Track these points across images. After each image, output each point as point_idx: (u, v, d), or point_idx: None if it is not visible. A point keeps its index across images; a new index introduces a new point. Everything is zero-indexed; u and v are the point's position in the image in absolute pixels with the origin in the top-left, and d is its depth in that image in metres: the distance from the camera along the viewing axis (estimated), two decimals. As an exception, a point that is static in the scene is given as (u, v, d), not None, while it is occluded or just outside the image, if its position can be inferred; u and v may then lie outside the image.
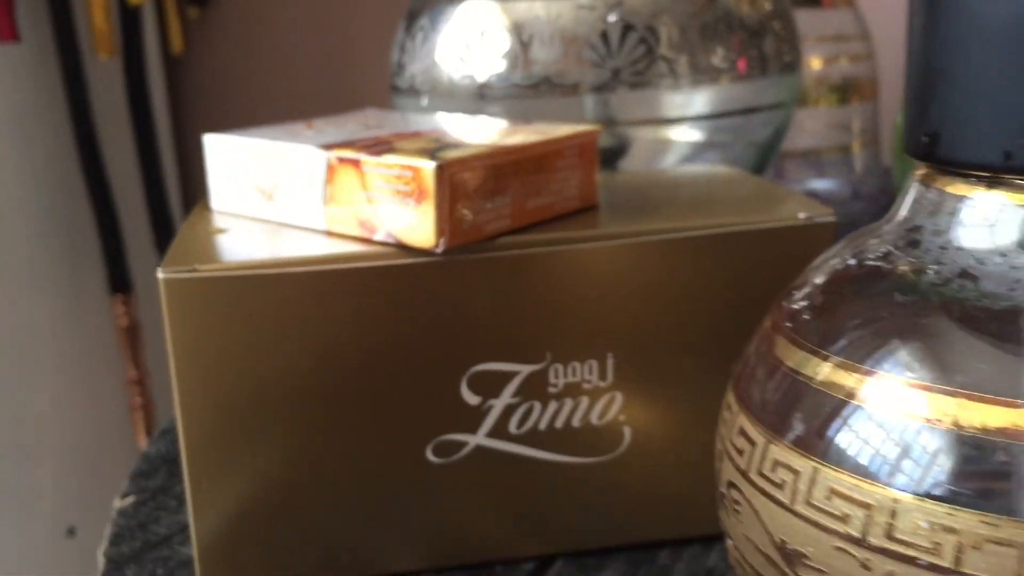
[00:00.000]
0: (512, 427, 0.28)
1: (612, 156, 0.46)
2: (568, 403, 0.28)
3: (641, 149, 0.46)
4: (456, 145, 0.28)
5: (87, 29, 0.85)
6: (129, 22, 0.88)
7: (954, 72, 0.17)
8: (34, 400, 0.88)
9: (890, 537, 0.16)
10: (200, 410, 0.27)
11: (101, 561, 0.31)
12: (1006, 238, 0.17)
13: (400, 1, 0.50)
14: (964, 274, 0.17)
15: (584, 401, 0.28)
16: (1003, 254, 0.17)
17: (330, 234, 0.29)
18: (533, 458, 0.29)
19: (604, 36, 0.39)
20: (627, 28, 0.39)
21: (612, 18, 0.39)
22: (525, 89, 0.41)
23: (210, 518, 0.28)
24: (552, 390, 0.28)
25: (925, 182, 0.18)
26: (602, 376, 0.28)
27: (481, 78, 0.41)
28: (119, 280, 0.90)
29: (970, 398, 0.15)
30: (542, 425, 0.28)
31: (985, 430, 0.15)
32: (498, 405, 0.28)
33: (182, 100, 1.05)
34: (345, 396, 0.27)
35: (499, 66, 0.41)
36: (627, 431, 0.29)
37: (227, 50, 1.03)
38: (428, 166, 0.26)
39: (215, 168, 0.32)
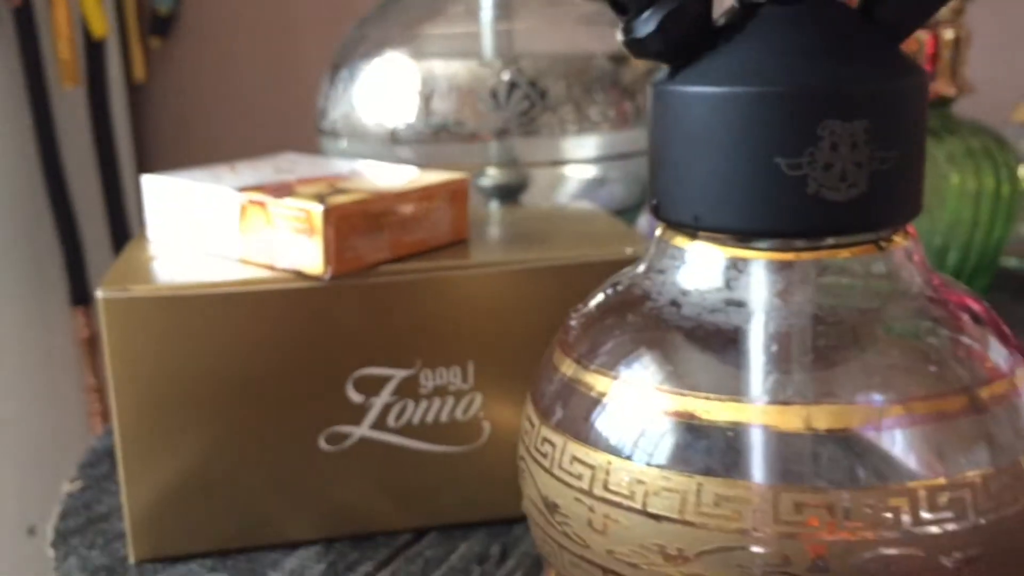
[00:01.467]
0: (390, 421, 0.34)
1: (514, 191, 0.52)
2: (436, 402, 0.34)
3: (539, 186, 0.52)
4: (345, 191, 0.34)
5: (53, 60, 0.90)
6: (93, 53, 0.94)
7: (665, 158, 0.23)
8: (-2, 406, 0.93)
9: (605, 488, 0.22)
10: (131, 407, 0.32)
11: (51, 534, 0.37)
12: (702, 276, 0.23)
13: (340, 32, 0.56)
14: (673, 303, 0.23)
15: (450, 400, 0.34)
16: (699, 288, 0.23)
17: (243, 261, 0.34)
18: (408, 447, 0.34)
19: (494, 92, 0.46)
20: (513, 85, 0.45)
21: (505, 76, 0.46)
22: (428, 135, 0.47)
23: (140, 497, 0.33)
24: (423, 391, 0.34)
25: (661, 234, 0.24)
26: (464, 380, 0.34)
27: (391, 125, 0.47)
28: (80, 293, 0.95)
29: (661, 390, 0.22)
30: (415, 420, 0.34)
31: (677, 413, 0.21)
32: (378, 403, 0.34)
33: (144, 125, 1.10)
34: (252, 395, 0.33)
35: (406, 115, 0.47)
36: (486, 425, 0.35)
37: (187, 78, 1.08)
38: (317, 209, 0.32)
39: (151, 203, 0.38)
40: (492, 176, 0.51)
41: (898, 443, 0.21)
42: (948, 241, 0.54)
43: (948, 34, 0.53)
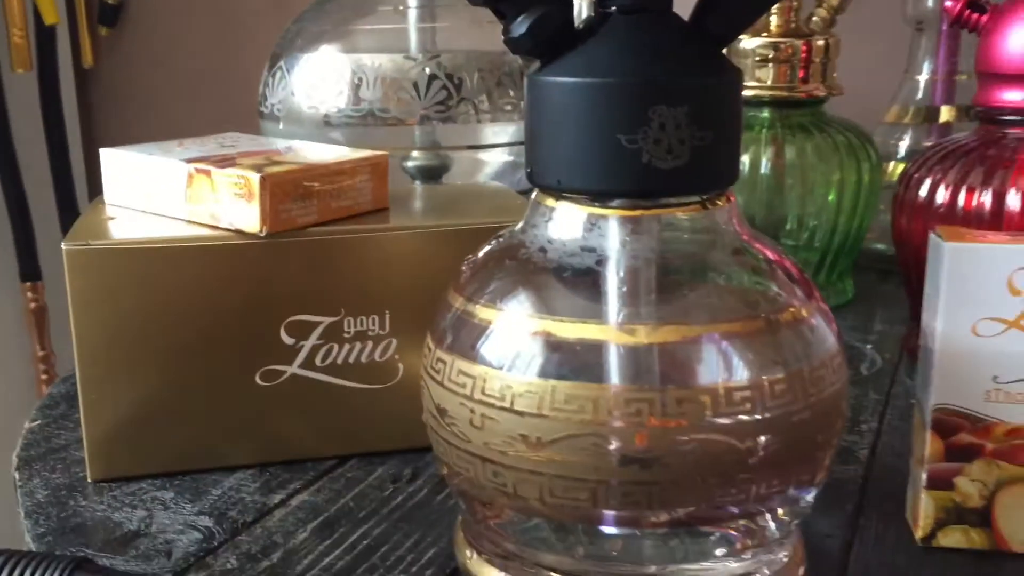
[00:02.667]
0: (318, 361, 0.39)
1: (436, 173, 0.57)
2: (358, 345, 0.39)
3: (460, 169, 0.57)
4: (280, 163, 0.38)
5: (5, 45, 0.92)
6: (44, 39, 0.96)
7: (536, 134, 0.28)
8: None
9: (483, 393, 0.27)
10: (90, 346, 0.37)
11: (14, 462, 0.41)
12: (564, 228, 0.28)
13: (281, 22, 0.60)
14: (541, 249, 0.28)
15: (369, 343, 0.39)
16: (562, 238, 0.28)
17: (190, 223, 0.39)
18: (333, 384, 0.39)
19: (416, 83, 0.50)
20: (433, 77, 0.50)
21: (426, 69, 0.50)
22: (357, 120, 0.51)
23: (97, 424, 0.37)
24: (346, 335, 0.39)
25: (535, 197, 0.29)
26: (382, 326, 0.39)
27: (324, 110, 0.52)
28: (29, 269, 0.98)
29: (528, 317, 0.27)
30: (339, 360, 0.39)
31: (538, 333, 0.27)
32: (307, 345, 0.38)
33: (92, 109, 1.13)
34: (197, 336, 0.37)
35: (337, 102, 0.51)
36: (401, 366, 0.40)
37: (133, 64, 1.11)
38: (255, 176, 0.36)
39: (108, 174, 0.42)
40: (416, 159, 0.56)
41: (709, 354, 0.26)
42: (817, 225, 0.60)
43: (819, 42, 0.60)
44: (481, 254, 0.30)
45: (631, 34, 0.27)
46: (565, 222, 0.28)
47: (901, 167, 0.71)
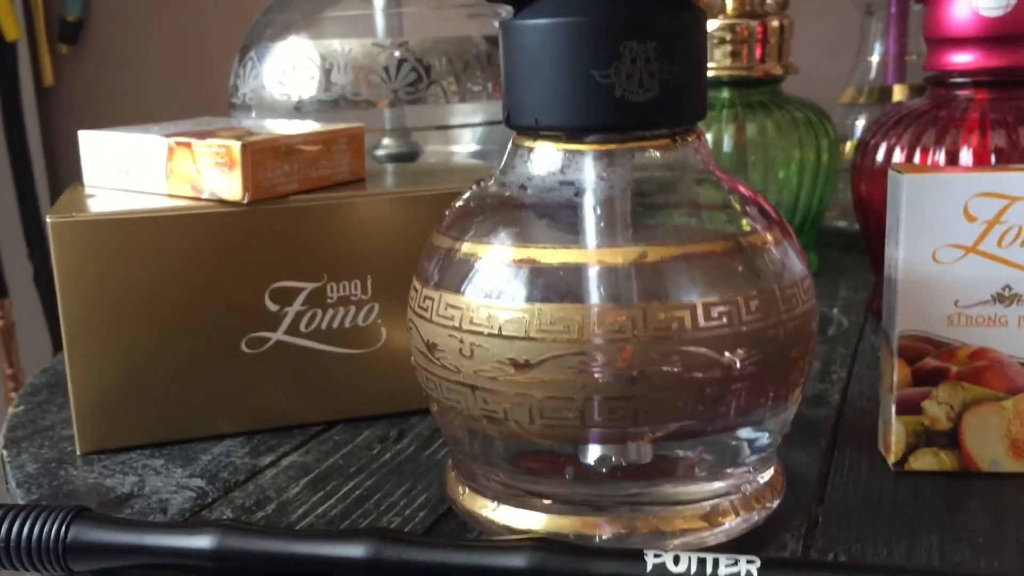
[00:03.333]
0: (302, 327, 0.40)
1: (407, 160, 0.58)
2: (341, 310, 0.40)
3: (430, 156, 0.58)
4: (259, 133, 0.39)
5: (-34, 62, 0.92)
6: (5, 56, 0.96)
7: (512, 78, 0.29)
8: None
9: (471, 323, 0.28)
10: (77, 317, 0.37)
11: (1, 441, 0.41)
12: (543, 166, 0.29)
13: (239, 40, 0.61)
14: (521, 187, 0.29)
15: (352, 309, 0.40)
16: (540, 175, 0.29)
17: (171, 196, 0.39)
18: (318, 349, 0.40)
19: (386, 67, 0.52)
20: (402, 61, 0.52)
21: (396, 53, 0.52)
22: (328, 105, 0.52)
23: (85, 396, 0.38)
24: (329, 301, 0.40)
25: (514, 140, 0.31)
26: (364, 292, 0.40)
27: (295, 97, 0.53)
28: (-4, 286, 0.97)
29: (512, 247, 0.28)
30: (323, 326, 0.40)
31: (522, 261, 0.28)
32: (291, 311, 0.39)
33: (53, 126, 1.13)
34: (182, 305, 0.38)
35: (308, 88, 0.52)
36: (384, 331, 0.40)
37: (94, 82, 1.11)
38: (236, 145, 0.37)
39: (87, 155, 0.42)
40: (386, 146, 0.57)
41: (685, 274, 0.27)
42: (777, 200, 0.62)
43: (775, 22, 0.62)
44: (463, 198, 0.31)
45: (600, -23, 0.28)
46: (543, 160, 0.29)
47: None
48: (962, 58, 0.49)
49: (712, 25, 0.61)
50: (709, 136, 0.61)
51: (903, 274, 0.33)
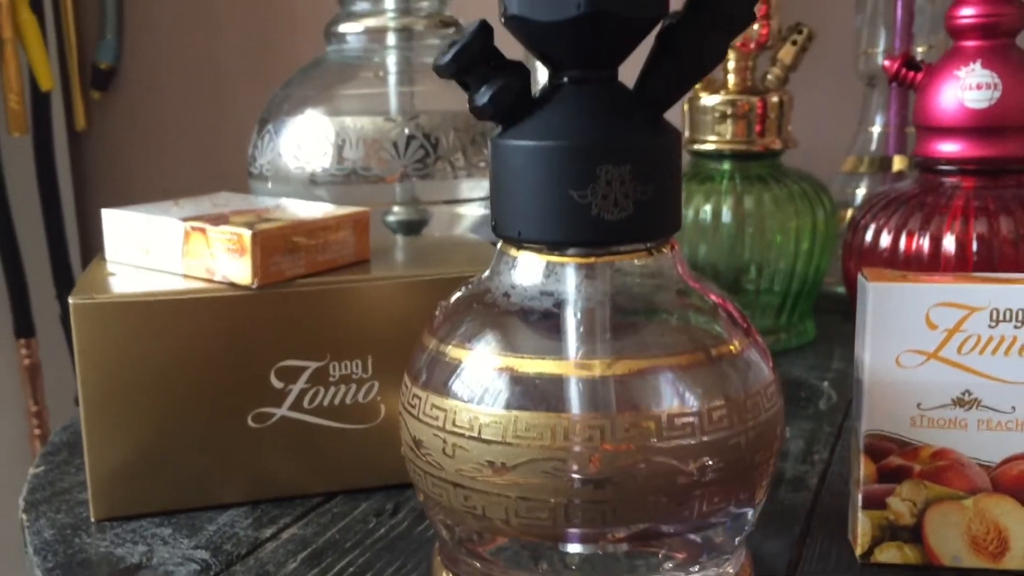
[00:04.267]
0: (305, 403, 0.42)
1: (416, 227, 0.60)
2: (343, 388, 0.42)
3: (439, 222, 0.61)
4: (269, 220, 0.42)
5: (3, 110, 0.96)
6: (39, 104, 1.00)
7: (499, 191, 0.31)
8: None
9: (454, 425, 0.30)
10: (95, 391, 0.39)
11: (21, 504, 0.43)
12: (525, 275, 0.31)
13: (265, 88, 0.64)
14: (505, 294, 0.31)
15: (353, 387, 0.42)
16: (523, 284, 0.31)
17: (186, 276, 0.42)
18: (320, 425, 0.42)
19: (395, 143, 0.54)
20: (411, 137, 0.54)
21: (406, 131, 0.54)
22: (341, 178, 0.55)
23: (100, 466, 0.40)
24: (331, 379, 0.42)
25: (500, 247, 0.33)
26: (365, 370, 0.42)
27: (309, 169, 0.55)
28: (23, 326, 1.00)
29: (493, 354, 0.30)
30: (325, 403, 0.42)
31: (502, 369, 0.30)
32: (296, 388, 0.41)
33: (84, 170, 1.16)
34: (194, 382, 0.40)
35: (322, 162, 0.55)
36: (383, 407, 0.42)
37: (124, 127, 1.15)
38: (247, 233, 0.39)
39: (109, 232, 0.45)
40: (397, 213, 0.59)
41: (653, 385, 0.29)
42: (777, 270, 0.64)
43: (775, 99, 0.64)
44: (452, 300, 0.33)
45: (580, 101, 0.30)
46: (526, 269, 0.31)
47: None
48: (948, 147, 0.51)
49: (714, 100, 0.63)
50: (708, 207, 0.63)
51: (869, 376, 0.34)
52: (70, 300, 0.39)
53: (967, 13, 0.50)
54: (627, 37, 0.30)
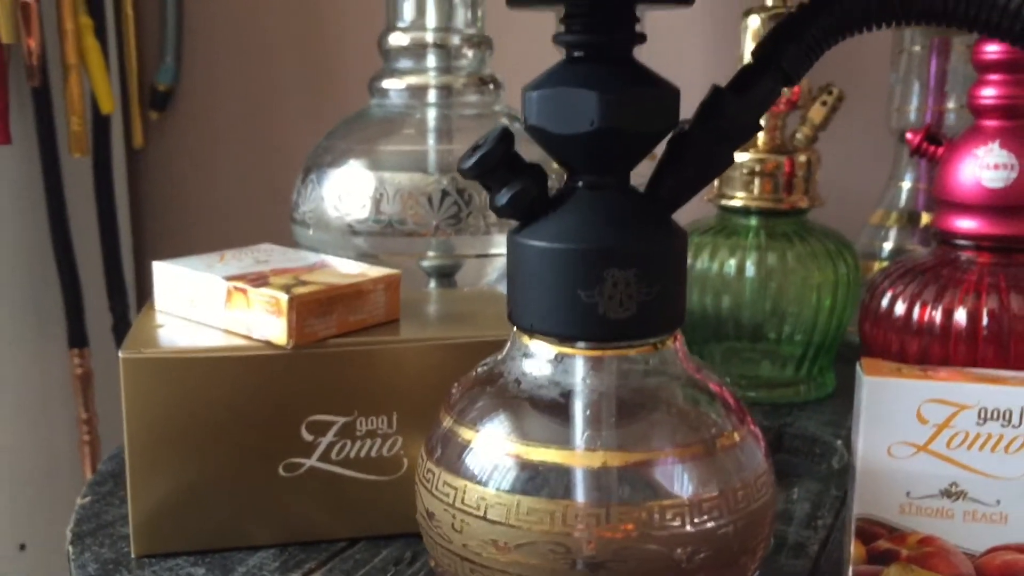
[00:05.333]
0: (333, 455, 0.44)
1: (449, 272, 0.62)
2: (368, 442, 0.44)
3: (471, 268, 0.63)
4: (306, 283, 0.44)
5: (65, 132, 1.00)
6: (100, 125, 1.04)
7: (514, 283, 0.33)
8: (-2, 434, 1.02)
9: (462, 503, 0.32)
10: (139, 438, 0.42)
11: (68, 536, 0.46)
12: (536, 365, 0.33)
13: (314, 111, 0.66)
14: (516, 380, 0.34)
15: (378, 441, 0.44)
16: (533, 372, 0.33)
17: (227, 332, 0.45)
18: (346, 475, 0.45)
19: (430, 198, 0.56)
20: (445, 193, 0.56)
21: (440, 187, 0.56)
22: (378, 229, 0.57)
23: (141, 507, 0.43)
24: (358, 433, 0.44)
25: (514, 332, 0.35)
26: (390, 426, 0.44)
27: (349, 219, 0.58)
28: (77, 336, 1.05)
29: (501, 440, 0.32)
30: (352, 455, 0.44)
31: (509, 455, 0.32)
32: (324, 441, 0.44)
33: (140, 185, 1.21)
34: (230, 432, 0.43)
35: (360, 213, 0.58)
36: (405, 460, 0.45)
37: (179, 146, 1.19)
38: (283, 297, 0.42)
39: (159, 282, 0.48)
40: (431, 259, 0.62)
41: (652, 476, 0.31)
42: (798, 324, 0.65)
43: (802, 158, 0.65)
44: (468, 378, 0.36)
45: (592, 206, 0.33)
46: (537, 358, 0.34)
47: (885, 265, 0.76)
48: (965, 223, 0.52)
49: (743, 157, 0.65)
50: (733, 261, 0.65)
51: (861, 463, 0.36)
52: (120, 354, 0.42)
53: (988, 94, 0.51)
54: (637, 149, 0.33)
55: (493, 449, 0.32)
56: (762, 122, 0.65)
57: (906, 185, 0.76)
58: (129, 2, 1.12)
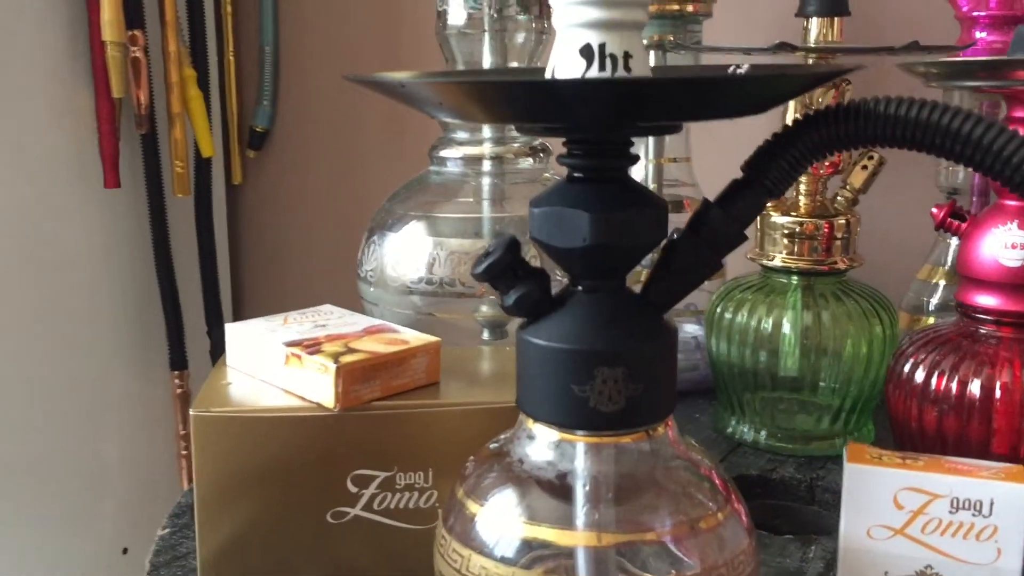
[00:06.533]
0: (375, 505, 0.48)
1: (501, 324, 0.66)
2: (407, 494, 0.48)
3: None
4: (354, 351, 0.49)
5: (170, 174, 1.08)
6: (201, 167, 1.11)
7: (520, 374, 0.37)
8: (105, 448, 1.10)
9: (467, 569, 0.36)
10: (207, 487, 0.47)
11: (147, 567, 0.52)
12: (537, 449, 0.37)
13: (395, 153, 0.71)
14: (520, 460, 0.37)
15: (416, 493, 0.49)
16: (536, 453, 0.37)
17: (285, 391, 0.49)
18: (387, 524, 0.49)
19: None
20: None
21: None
22: (432, 288, 0.62)
23: (208, 547, 0.48)
24: (398, 487, 0.48)
25: (521, 416, 0.38)
26: (426, 480, 0.48)
27: (406, 279, 0.62)
28: (178, 360, 1.12)
29: (504, 516, 0.36)
30: (392, 505, 0.49)
31: (511, 530, 0.35)
32: (367, 493, 0.48)
33: (238, 218, 1.28)
34: (285, 483, 0.48)
35: (417, 273, 0.62)
36: (440, 512, 0.49)
37: (274, 182, 1.26)
38: (332, 366, 0.46)
39: (231, 341, 0.53)
40: (483, 313, 0.66)
41: (640, 554, 0.34)
42: (837, 379, 0.67)
43: (841, 221, 0.67)
44: (481, 453, 0.39)
45: (587, 308, 0.36)
46: (539, 440, 0.37)
47: (931, 320, 0.77)
48: (984, 299, 0.53)
49: (784, 219, 0.67)
50: (770, 319, 0.67)
51: (843, 542, 0.38)
52: (191, 412, 0.47)
53: (1007, 174, 0.53)
54: (630, 259, 0.36)
55: (496, 523, 0.36)
56: (802, 187, 0.68)
57: (953, 242, 0.76)
58: (231, 52, 1.19)
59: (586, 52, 0.34)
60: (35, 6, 0.96)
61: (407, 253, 0.62)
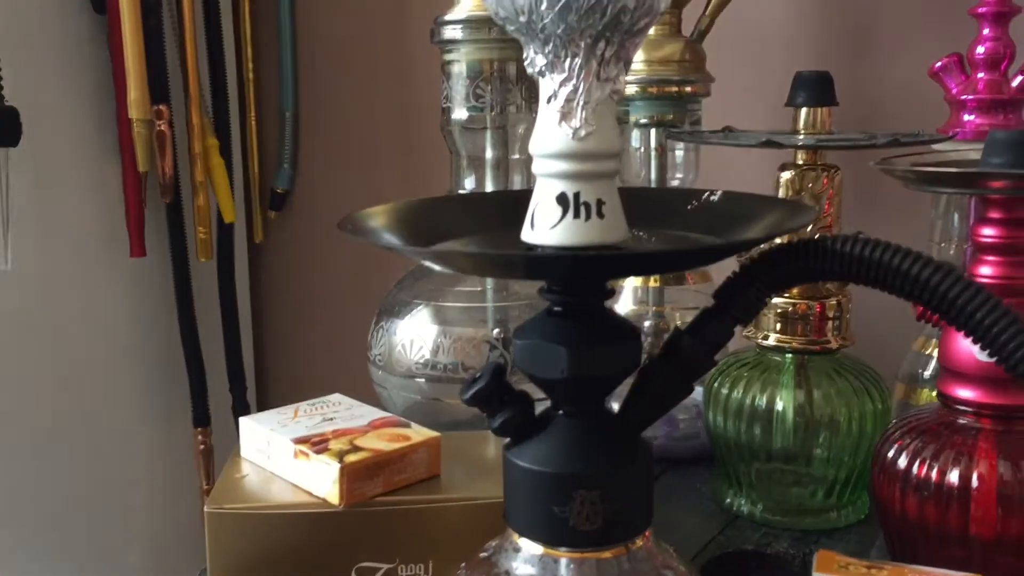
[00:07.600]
0: (379, 595, 0.51)
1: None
2: (408, 584, 0.51)
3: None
4: (358, 448, 0.51)
5: (194, 239, 1.11)
6: (223, 232, 1.15)
7: (507, 492, 0.39)
8: (131, 500, 1.13)
9: None
10: (220, 572, 0.50)
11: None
12: (523, 563, 0.39)
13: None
14: (505, 572, 0.39)
15: (417, 584, 0.51)
16: (522, 567, 0.39)
17: (293, 485, 0.52)
18: (390, 612, 0.51)
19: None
20: (492, 347, 0.63)
21: (488, 341, 0.63)
22: (437, 374, 0.64)
23: (221, 632, 0.51)
24: (400, 577, 0.51)
25: (508, 528, 0.41)
26: (427, 572, 0.51)
27: (412, 364, 0.65)
28: (201, 417, 1.15)
29: (488, 626, 0.38)
30: (395, 595, 0.51)
31: (496, 639, 0.38)
32: (371, 583, 0.51)
33: (259, 275, 1.32)
34: (294, 572, 0.50)
35: (422, 358, 0.64)
36: (441, 601, 0.51)
37: (294, 241, 1.29)
38: (336, 466, 0.49)
39: (244, 434, 0.56)
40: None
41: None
42: (830, 453, 0.69)
43: (833, 301, 0.69)
44: (472, 560, 0.42)
45: (567, 432, 0.38)
46: (524, 553, 0.39)
47: (925, 392, 0.78)
48: (962, 391, 0.55)
49: (777, 301, 0.69)
50: (764, 397, 0.69)
51: (813, 648, 0.40)
52: (205, 508, 0.50)
53: (985, 273, 0.55)
54: (605, 387, 0.38)
55: (482, 634, 0.38)
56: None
57: (946, 314, 0.78)
58: (253, 118, 1.23)
59: (562, 200, 0.36)
60: (65, 85, 1.01)
61: (413, 340, 0.65)
